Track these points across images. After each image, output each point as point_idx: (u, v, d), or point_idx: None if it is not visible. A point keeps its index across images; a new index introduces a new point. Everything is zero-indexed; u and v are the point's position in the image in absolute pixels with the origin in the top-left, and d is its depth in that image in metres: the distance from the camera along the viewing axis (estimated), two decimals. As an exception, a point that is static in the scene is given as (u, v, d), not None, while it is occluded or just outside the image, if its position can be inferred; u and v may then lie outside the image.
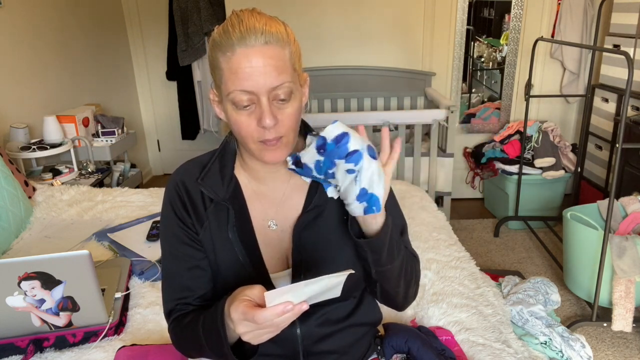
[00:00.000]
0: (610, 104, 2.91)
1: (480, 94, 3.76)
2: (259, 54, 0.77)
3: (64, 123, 2.82)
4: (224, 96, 0.82)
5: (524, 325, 1.54)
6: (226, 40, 0.78)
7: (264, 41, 0.77)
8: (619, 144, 1.95)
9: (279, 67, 0.78)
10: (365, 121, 2.77)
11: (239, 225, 0.91)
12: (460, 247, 1.76)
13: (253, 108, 0.80)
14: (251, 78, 0.77)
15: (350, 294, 0.97)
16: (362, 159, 0.76)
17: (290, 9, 3.21)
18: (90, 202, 2.21)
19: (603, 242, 2.01)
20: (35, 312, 1.19)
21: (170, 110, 4.17)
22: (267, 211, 0.94)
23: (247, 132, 0.82)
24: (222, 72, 0.80)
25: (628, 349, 2.08)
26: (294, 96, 0.82)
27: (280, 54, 0.79)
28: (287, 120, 0.82)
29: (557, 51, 3.25)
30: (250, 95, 0.79)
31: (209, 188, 0.91)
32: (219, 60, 0.80)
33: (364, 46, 3.34)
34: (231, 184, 0.92)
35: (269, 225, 0.93)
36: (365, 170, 0.76)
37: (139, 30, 3.97)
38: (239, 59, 0.77)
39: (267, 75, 0.77)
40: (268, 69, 0.77)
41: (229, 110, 0.82)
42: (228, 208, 0.90)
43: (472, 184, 3.51)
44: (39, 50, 2.88)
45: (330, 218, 0.91)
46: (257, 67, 0.77)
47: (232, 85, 0.79)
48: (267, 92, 0.78)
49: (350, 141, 0.77)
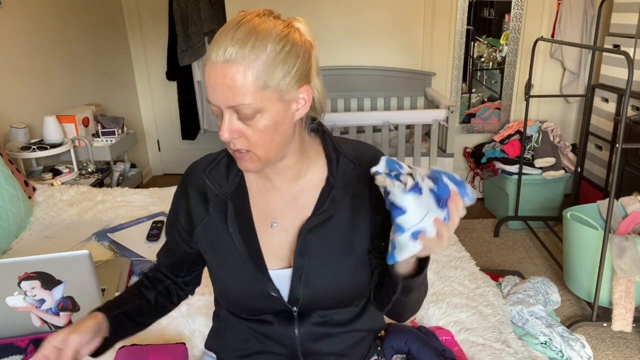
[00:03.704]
0: (610, 104, 2.91)
1: (480, 94, 3.76)
2: (217, 71, 0.76)
3: (64, 123, 2.82)
4: None
5: (524, 325, 1.54)
6: (209, 47, 0.79)
7: (223, 59, 0.75)
8: (619, 144, 1.95)
9: (233, 88, 0.76)
10: (365, 121, 2.77)
11: (239, 220, 0.91)
12: (460, 247, 1.76)
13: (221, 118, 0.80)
14: (211, 92, 0.78)
15: (353, 302, 0.96)
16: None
17: (290, 9, 3.21)
18: (90, 202, 2.21)
19: (603, 242, 2.01)
20: (35, 312, 1.19)
21: (170, 110, 4.16)
22: (271, 209, 0.93)
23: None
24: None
25: (628, 349, 2.08)
26: (262, 115, 0.78)
27: (240, 75, 0.75)
28: (254, 136, 0.80)
29: (557, 51, 3.25)
30: (215, 107, 0.79)
31: (213, 181, 0.92)
32: None
33: (364, 46, 3.34)
34: (236, 179, 0.93)
35: (272, 224, 0.93)
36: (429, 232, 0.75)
37: (139, 30, 3.96)
38: (207, 70, 0.77)
39: (222, 93, 0.77)
40: (223, 87, 0.76)
41: None
42: (227, 202, 0.91)
43: (472, 184, 3.51)
44: (39, 50, 2.88)
45: (339, 224, 0.90)
46: (214, 85, 0.77)
47: (206, 93, 0.80)
48: (227, 108, 0.78)
49: None
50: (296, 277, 0.89)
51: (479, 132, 3.52)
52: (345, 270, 0.90)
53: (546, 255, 2.83)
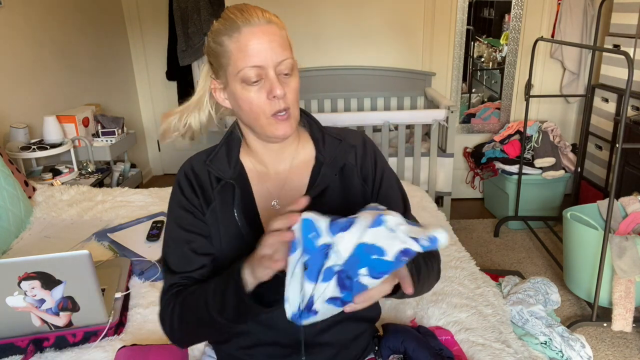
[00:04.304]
0: (610, 104, 2.91)
1: (480, 94, 3.76)
2: (264, 32, 0.84)
3: (64, 123, 2.82)
4: (232, 77, 0.87)
5: (524, 325, 1.54)
6: (230, 24, 0.85)
7: (266, 21, 0.85)
8: (619, 144, 1.95)
9: (282, 44, 0.86)
10: (365, 121, 2.77)
11: (243, 205, 0.95)
12: (460, 247, 1.76)
13: (262, 83, 0.86)
14: (259, 53, 0.84)
15: None
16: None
17: (290, 9, 3.21)
18: (90, 202, 2.21)
19: (603, 242, 2.01)
20: (35, 312, 1.19)
21: (170, 110, 4.16)
22: (271, 192, 0.98)
23: (258, 106, 0.87)
24: (229, 53, 0.85)
25: (628, 349, 2.08)
26: (294, 71, 0.89)
27: (281, 32, 0.87)
28: (291, 93, 0.88)
29: (557, 51, 3.25)
30: (259, 69, 0.84)
31: (216, 168, 0.96)
32: (224, 43, 0.86)
33: (363, 46, 3.34)
34: (237, 167, 0.98)
35: (273, 205, 0.97)
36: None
37: (139, 30, 3.96)
38: (246, 37, 0.84)
39: (273, 50, 0.84)
40: (273, 44, 0.84)
41: (238, 91, 0.87)
42: (234, 186, 0.95)
43: (472, 184, 3.51)
44: (39, 50, 2.88)
45: (333, 198, 0.96)
46: (264, 43, 0.84)
47: (241, 63, 0.84)
48: (274, 65, 0.85)
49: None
50: None
51: (479, 132, 3.52)
52: None
53: (546, 255, 2.83)
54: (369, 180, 0.99)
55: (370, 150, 1.01)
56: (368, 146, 1.01)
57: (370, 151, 1.01)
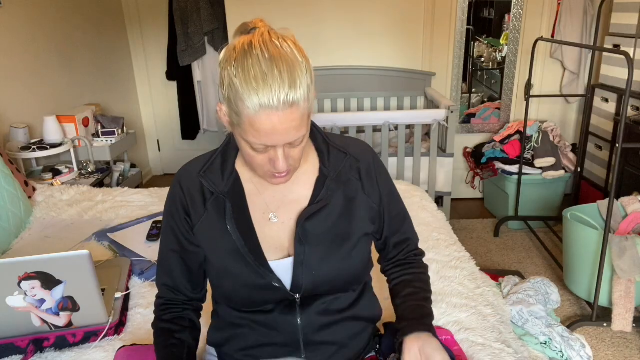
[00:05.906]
0: (610, 104, 2.91)
1: (480, 94, 3.76)
2: (282, 120, 0.77)
3: (64, 123, 2.82)
4: (239, 133, 0.82)
5: (524, 325, 1.54)
6: (248, 91, 0.75)
7: (288, 105, 0.76)
8: (619, 144, 1.95)
9: (298, 126, 0.79)
10: (365, 121, 2.77)
11: (237, 217, 0.94)
12: (460, 247, 1.76)
13: (267, 150, 0.83)
14: (272, 137, 0.79)
15: (351, 287, 0.99)
16: None
17: (290, 9, 3.21)
18: (90, 202, 2.21)
19: (603, 242, 2.01)
20: (35, 312, 1.19)
21: (170, 110, 4.17)
22: (268, 205, 0.96)
23: (259, 166, 0.86)
24: (241, 118, 0.79)
25: (628, 349, 2.08)
26: (305, 136, 0.84)
27: (302, 110, 0.78)
28: (297, 155, 0.86)
29: (557, 51, 3.25)
30: (268, 146, 0.81)
31: (209, 181, 0.94)
32: (239, 105, 0.78)
33: (364, 46, 3.34)
34: (231, 178, 0.95)
35: (270, 218, 0.96)
36: None
37: (139, 30, 3.97)
38: (261, 119, 0.77)
39: (288, 134, 0.79)
40: (290, 129, 0.79)
41: (242, 143, 0.84)
42: (225, 201, 0.93)
43: (472, 184, 3.52)
44: (39, 50, 2.88)
45: (335, 211, 0.95)
46: (279, 130, 0.78)
47: (251, 137, 0.80)
48: (284, 144, 0.81)
49: None
50: (297, 263, 0.92)
51: (479, 132, 3.52)
52: (343, 255, 0.94)
53: (546, 255, 2.83)
54: (374, 197, 0.99)
55: (375, 166, 1.00)
56: (372, 161, 1.00)
57: (375, 166, 1.00)
